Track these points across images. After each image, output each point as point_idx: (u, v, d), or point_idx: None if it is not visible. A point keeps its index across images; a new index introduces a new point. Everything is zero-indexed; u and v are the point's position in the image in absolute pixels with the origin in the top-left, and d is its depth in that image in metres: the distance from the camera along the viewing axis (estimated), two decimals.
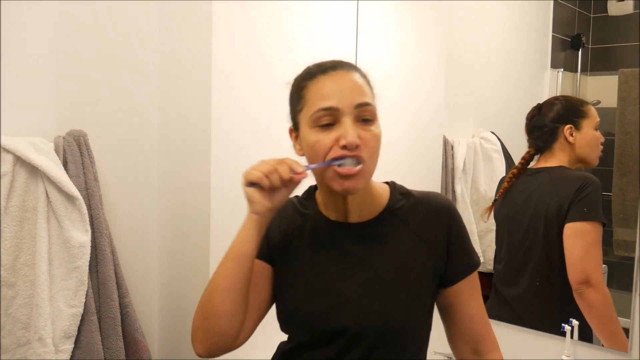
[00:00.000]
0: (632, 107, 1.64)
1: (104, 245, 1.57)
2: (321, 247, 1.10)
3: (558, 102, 1.68)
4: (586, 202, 1.56)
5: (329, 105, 0.99)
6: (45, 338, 1.45)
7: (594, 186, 1.57)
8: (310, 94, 1.02)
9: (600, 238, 1.57)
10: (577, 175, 1.64)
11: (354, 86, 1.01)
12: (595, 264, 1.55)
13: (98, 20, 1.67)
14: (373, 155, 1.02)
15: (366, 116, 1.01)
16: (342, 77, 1.02)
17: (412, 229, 1.09)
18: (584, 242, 1.57)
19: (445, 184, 1.96)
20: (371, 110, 1.02)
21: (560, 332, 1.58)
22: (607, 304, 1.55)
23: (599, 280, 1.55)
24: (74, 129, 1.58)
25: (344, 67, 1.04)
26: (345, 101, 0.99)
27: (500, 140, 1.92)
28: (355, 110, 1.00)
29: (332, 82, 1.01)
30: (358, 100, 1.00)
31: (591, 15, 1.75)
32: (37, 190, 1.47)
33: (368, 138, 1.00)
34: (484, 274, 1.90)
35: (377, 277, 1.06)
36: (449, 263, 1.09)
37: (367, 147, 1.00)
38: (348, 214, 1.09)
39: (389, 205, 1.11)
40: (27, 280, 1.46)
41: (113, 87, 1.72)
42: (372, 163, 1.03)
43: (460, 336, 1.15)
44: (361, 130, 1.00)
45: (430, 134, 2.05)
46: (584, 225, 1.57)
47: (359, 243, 1.08)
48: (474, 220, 1.95)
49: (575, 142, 1.64)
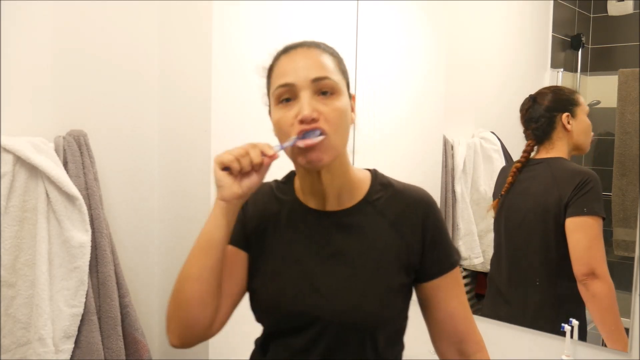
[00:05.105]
0: (632, 107, 1.63)
1: (104, 245, 1.57)
2: (297, 235, 1.09)
3: (551, 92, 1.70)
4: (588, 197, 1.58)
5: (285, 81, 1.00)
6: (45, 338, 1.45)
7: (594, 182, 1.59)
8: (274, 74, 1.04)
9: (602, 232, 1.58)
10: (578, 170, 1.66)
11: (312, 62, 1.02)
12: (600, 256, 1.57)
13: (98, 21, 1.67)
14: (337, 129, 1.01)
15: (325, 89, 1.00)
16: (301, 54, 1.03)
17: (389, 221, 1.08)
18: (588, 235, 1.58)
19: (445, 184, 1.96)
20: (330, 84, 1.01)
21: (560, 332, 1.58)
22: (612, 295, 1.56)
23: (604, 271, 1.56)
24: (74, 129, 1.58)
25: (305, 46, 1.05)
26: (301, 76, 1.00)
27: (500, 140, 1.92)
28: (313, 84, 1.00)
29: (290, 60, 1.03)
30: (314, 75, 1.00)
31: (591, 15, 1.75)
32: (37, 190, 1.47)
33: (327, 112, 0.99)
34: (485, 274, 1.90)
35: (352, 267, 1.05)
36: (424, 258, 1.08)
37: (327, 121, 0.99)
38: (325, 199, 1.08)
39: (368, 195, 1.10)
40: (27, 280, 1.47)
41: (113, 87, 1.72)
42: (337, 137, 1.01)
43: (443, 335, 1.13)
44: (320, 104, 0.99)
45: (430, 134, 2.05)
46: (586, 219, 1.58)
47: (335, 232, 1.07)
48: (474, 220, 1.95)
49: (572, 130, 1.66)
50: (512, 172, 1.75)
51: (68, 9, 1.60)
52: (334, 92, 1.01)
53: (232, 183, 1.00)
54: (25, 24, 1.52)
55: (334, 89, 1.01)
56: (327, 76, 1.01)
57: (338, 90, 1.02)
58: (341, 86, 1.03)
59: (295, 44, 1.06)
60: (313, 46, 1.05)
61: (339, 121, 1.01)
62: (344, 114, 1.02)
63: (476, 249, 1.94)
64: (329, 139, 0.99)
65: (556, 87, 1.74)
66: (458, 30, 2.02)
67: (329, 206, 1.08)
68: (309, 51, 1.04)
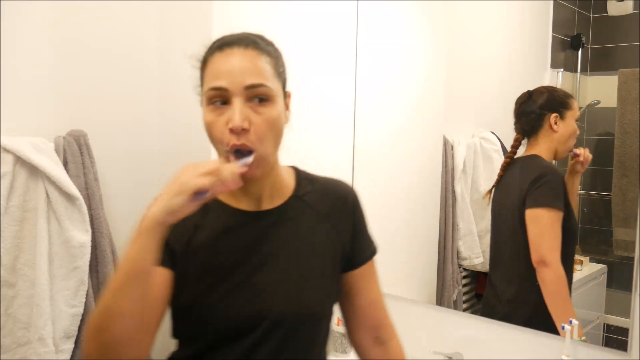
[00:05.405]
0: (632, 107, 1.64)
1: (104, 245, 1.57)
2: (229, 239, 1.04)
3: (546, 91, 1.74)
4: (541, 191, 1.67)
5: (218, 84, 0.96)
6: (45, 338, 1.45)
7: (549, 176, 1.69)
8: (207, 70, 1.00)
9: (555, 223, 1.65)
10: (538, 166, 1.72)
11: (248, 66, 0.96)
12: (549, 246, 1.65)
13: (98, 20, 1.67)
14: (264, 139, 0.97)
15: (259, 96, 0.97)
16: (236, 55, 0.97)
17: (321, 214, 1.09)
18: (539, 225, 1.67)
19: (445, 184, 1.96)
20: (264, 91, 0.97)
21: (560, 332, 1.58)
22: (559, 282, 1.64)
23: (552, 260, 1.64)
24: (74, 129, 1.58)
25: (242, 44, 0.98)
26: (234, 82, 0.95)
27: (500, 140, 1.92)
28: (246, 91, 0.96)
29: (224, 61, 0.97)
30: (248, 81, 0.95)
31: (591, 15, 1.75)
32: (38, 190, 1.47)
33: (257, 122, 0.96)
34: (485, 274, 1.90)
35: (291, 264, 1.05)
36: (353, 246, 1.12)
37: (256, 133, 0.96)
38: (260, 199, 1.06)
39: (297, 190, 1.10)
40: (27, 280, 1.47)
41: (113, 87, 1.72)
42: (267, 147, 0.98)
43: (361, 324, 1.16)
44: (252, 113, 0.96)
45: (430, 134, 2.05)
46: (539, 210, 1.67)
47: (270, 231, 1.05)
48: (474, 220, 1.95)
49: (557, 131, 1.70)
50: (502, 167, 1.82)
51: (68, 9, 1.60)
52: (269, 99, 0.98)
53: (190, 205, 0.90)
54: (25, 24, 1.52)
55: (269, 95, 0.98)
56: (262, 83, 0.97)
57: (272, 97, 0.98)
58: (276, 92, 0.99)
59: (231, 40, 0.99)
60: (251, 46, 0.99)
61: (270, 131, 0.98)
62: (276, 121, 0.99)
63: (476, 249, 1.94)
64: (258, 154, 0.96)
65: (553, 88, 1.77)
66: (458, 30, 2.02)
67: (263, 205, 1.06)
68: (246, 52, 0.98)
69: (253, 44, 0.99)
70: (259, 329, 1.01)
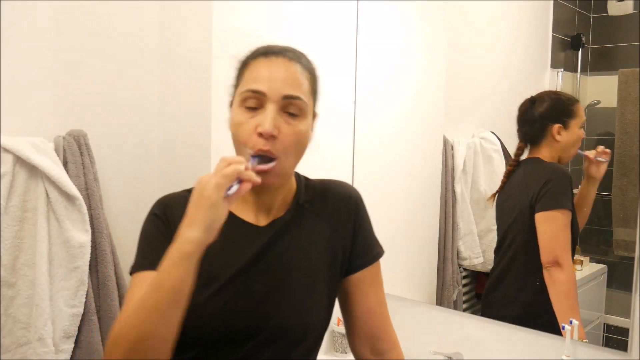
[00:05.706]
0: (632, 107, 1.64)
1: (104, 245, 1.57)
2: (231, 250, 1.03)
3: (549, 100, 1.72)
4: (551, 193, 1.66)
5: (257, 88, 0.97)
6: (45, 338, 1.45)
7: (558, 179, 1.69)
8: (247, 73, 1.01)
9: (567, 223, 1.65)
10: (545, 169, 1.71)
11: (289, 76, 0.98)
12: (564, 246, 1.65)
13: (98, 20, 1.67)
14: (289, 152, 0.98)
15: (293, 110, 0.98)
16: (280, 64, 0.99)
17: (323, 220, 1.08)
18: (552, 226, 1.67)
19: (445, 184, 1.96)
20: (299, 104, 0.98)
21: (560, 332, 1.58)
22: (571, 282, 1.65)
23: (566, 261, 1.64)
24: (74, 129, 1.58)
25: (288, 55, 1.00)
26: (273, 88, 0.96)
27: (500, 140, 1.92)
28: (283, 100, 0.97)
29: (268, 67, 0.99)
30: (287, 91, 0.97)
31: (591, 15, 1.75)
32: (37, 190, 1.47)
33: (286, 133, 0.96)
34: (485, 274, 1.90)
35: (291, 275, 1.04)
36: (353, 250, 1.09)
37: (282, 142, 0.96)
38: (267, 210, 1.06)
39: (297, 197, 1.09)
40: (27, 280, 1.47)
41: (113, 87, 1.72)
42: (288, 160, 0.99)
43: (358, 332, 1.12)
44: (283, 123, 0.97)
45: (430, 134, 2.05)
46: (551, 212, 1.67)
47: (270, 242, 1.04)
48: (474, 220, 1.95)
49: (561, 141, 1.68)
50: (505, 174, 1.81)
51: (68, 8, 1.60)
52: (301, 114, 0.99)
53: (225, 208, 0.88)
54: (25, 24, 1.52)
55: (302, 110, 0.99)
56: (300, 96, 0.98)
57: (305, 113, 1.00)
58: (309, 109, 1.01)
59: (277, 50, 1.02)
60: (295, 59, 1.01)
61: (296, 145, 0.99)
62: (304, 137, 1.00)
63: (476, 249, 1.94)
64: (279, 163, 0.97)
65: (556, 95, 1.74)
66: (458, 30, 2.02)
67: (270, 216, 1.06)
68: (290, 64, 1.00)
69: (297, 58, 1.02)
70: (256, 339, 1.00)
